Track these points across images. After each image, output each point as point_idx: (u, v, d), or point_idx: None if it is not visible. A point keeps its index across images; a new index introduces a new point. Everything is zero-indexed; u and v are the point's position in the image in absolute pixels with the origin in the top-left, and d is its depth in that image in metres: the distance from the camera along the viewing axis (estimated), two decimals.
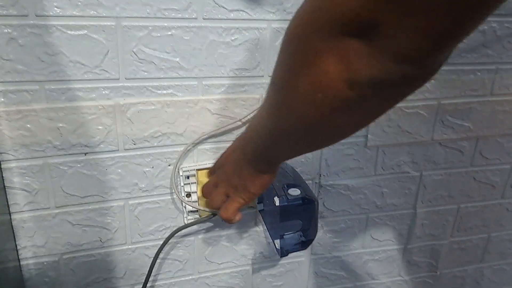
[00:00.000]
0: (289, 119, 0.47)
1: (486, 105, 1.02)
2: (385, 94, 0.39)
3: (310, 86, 0.39)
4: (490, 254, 1.24)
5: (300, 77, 0.40)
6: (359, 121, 0.44)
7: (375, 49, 0.34)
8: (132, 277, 0.93)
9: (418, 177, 1.05)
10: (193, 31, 0.76)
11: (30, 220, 0.81)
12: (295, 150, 0.57)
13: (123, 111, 0.78)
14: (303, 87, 0.40)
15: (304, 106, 0.42)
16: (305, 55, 0.39)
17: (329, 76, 0.37)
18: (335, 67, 0.36)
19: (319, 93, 0.39)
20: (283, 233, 0.83)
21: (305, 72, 0.39)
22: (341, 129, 0.45)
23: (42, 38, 0.70)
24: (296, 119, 0.45)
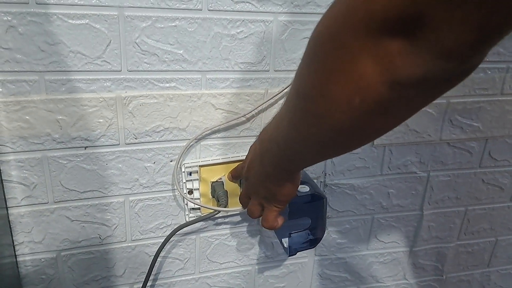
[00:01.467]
0: (318, 127, 0.44)
1: (496, 105, 0.99)
2: (427, 92, 0.37)
3: (345, 92, 0.37)
4: (497, 258, 1.22)
5: (333, 83, 0.38)
6: (395, 122, 0.42)
7: (419, 46, 0.32)
8: (131, 276, 0.91)
9: (426, 178, 1.03)
10: (198, 22, 0.75)
11: (28, 215, 0.79)
12: (319, 157, 0.55)
13: (125, 104, 0.76)
14: (337, 93, 0.38)
15: (337, 113, 0.39)
16: (339, 58, 0.36)
17: (368, 79, 0.35)
18: (374, 69, 0.34)
19: (356, 97, 0.37)
20: (291, 231, 0.81)
21: (339, 77, 0.37)
22: (375, 132, 0.43)
23: (42, 27, 0.68)
24: (327, 126, 0.42)
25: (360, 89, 0.36)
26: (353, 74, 0.36)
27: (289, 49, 0.81)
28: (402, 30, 0.32)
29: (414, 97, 0.37)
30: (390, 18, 0.32)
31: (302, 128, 0.47)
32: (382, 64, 0.34)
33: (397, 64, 0.33)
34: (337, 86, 0.37)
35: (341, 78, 0.37)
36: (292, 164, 0.57)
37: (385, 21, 0.32)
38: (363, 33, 0.33)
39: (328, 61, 0.37)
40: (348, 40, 0.35)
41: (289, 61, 0.82)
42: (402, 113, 0.40)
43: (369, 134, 0.44)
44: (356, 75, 0.35)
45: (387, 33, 0.32)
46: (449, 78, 0.35)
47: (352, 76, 0.36)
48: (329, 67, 0.37)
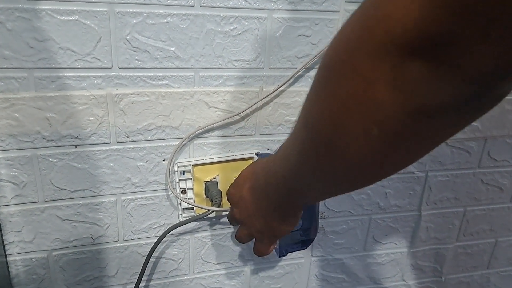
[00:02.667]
0: (329, 161, 0.39)
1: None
2: (454, 121, 0.33)
3: (361, 123, 0.33)
4: (497, 259, 1.20)
5: (347, 113, 0.34)
6: (416, 155, 0.38)
7: (446, 71, 0.28)
8: (124, 276, 0.90)
9: (424, 178, 1.01)
10: (190, 19, 0.73)
11: (18, 214, 0.78)
12: (330, 193, 0.50)
13: (116, 101, 0.75)
14: (351, 124, 0.34)
15: (351, 145, 0.35)
16: (353, 86, 0.32)
17: (387, 109, 0.31)
18: (393, 98, 0.30)
19: (374, 129, 0.33)
20: None
21: (353, 106, 0.33)
22: (393, 166, 0.39)
23: (31, 23, 0.67)
24: (340, 159, 0.38)
25: (377, 120, 0.32)
26: (369, 103, 0.32)
27: (284, 47, 0.80)
28: (425, 53, 0.28)
29: (439, 126, 0.33)
30: (412, 40, 0.28)
31: (311, 162, 0.42)
32: (403, 92, 0.30)
33: (419, 91, 0.29)
34: (352, 117, 0.34)
35: (356, 108, 0.33)
36: (301, 199, 0.53)
37: (405, 43, 0.28)
38: (380, 57, 0.30)
39: (340, 89, 0.34)
40: (362, 66, 0.31)
41: (284, 59, 0.81)
42: (425, 145, 0.36)
43: (387, 168, 0.39)
44: (373, 105, 0.32)
45: (407, 57, 0.28)
46: (479, 105, 0.32)
47: (368, 106, 0.32)
48: (342, 96, 0.34)
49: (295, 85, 0.83)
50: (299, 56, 0.81)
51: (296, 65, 0.81)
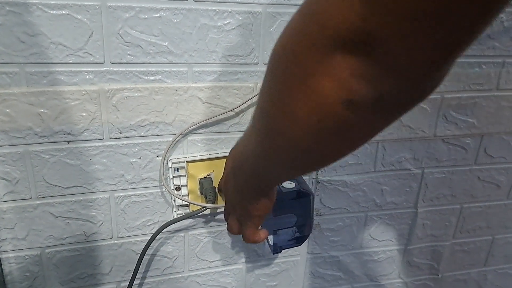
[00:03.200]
0: (280, 145, 0.42)
1: (491, 100, 0.97)
2: (385, 113, 0.35)
3: (303, 110, 0.35)
4: (494, 257, 1.20)
5: (292, 101, 0.36)
6: (354, 143, 0.40)
7: (377, 66, 0.30)
8: (118, 274, 0.89)
9: (420, 175, 1.01)
10: (183, 13, 0.73)
11: (10, 211, 0.77)
12: (287, 175, 0.53)
13: (108, 97, 0.74)
14: (295, 111, 0.36)
15: (297, 132, 0.38)
16: (296, 76, 0.34)
17: (325, 99, 0.33)
18: (331, 88, 0.32)
19: (314, 116, 0.35)
20: (277, 228, 0.79)
21: (297, 95, 0.35)
22: (338, 151, 0.41)
23: (21, 17, 0.66)
24: (289, 145, 0.40)
25: (317, 107, 0.34)
26: (311, 92, 0.34)
27: None
28: (357, 48, 0.30)
29: (374, 116, 0.35)
30: (342, 35, 0.30)
31: (266, 145, 0.45)
32: (340, 83, 0.32)
33: (351, 84, 0.32)
34: (296, 104, 0.36)
35: (299, 96, 0.35)
36: (263, 181, 0.54)
37: (337, 38, 0.30)
38: (319, 50, 0.32)
39: (286, 78, 0.36)
40: (305, 57, 0.33)
41: None
42: (361, 135, 0.39)
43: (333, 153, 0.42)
44: (315, 94, 0.34)
45: (343, 51, 0.31)
46: (408, 98, 0.34)
47: (310, 95, 0.34)
48: (288, 85, 0.36)
49: None
50: None
51: None
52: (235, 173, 0.58)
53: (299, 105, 0.35)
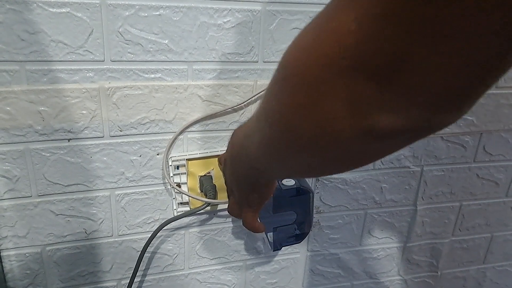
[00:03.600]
0: (285, 155, 0.40)
1: (490, 98, 0.98)
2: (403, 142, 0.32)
3: (313, 130, 0.32)
4: (493, 254, 1.20)
5: (300, 120, 0.33)
6: (366, 162, 0.38)
7: (399, 95, 0.27)
8: (119, 271, 0.89)
9: (419, 173, 1.01)
10: (183, 11, 0.73)
11: (11, 209, 0.78)
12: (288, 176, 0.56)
13: (109, 95, 0.74)
14: (302, 131, 0.33)
15: (301, 150, 0.36)
16: (307, 95, 0.31)
17: (336, 125, 0.30)
18: (344, 114, 0.29)
19: (322, 141, 0.32)
20: (277, 225, 0.80)
21: (307, 114, 0.32)
22: (342, 169, 0.40)
23: (22, 15, 0.66)
24: (292, 157, 0.39)
25: (326, 133, 0.31)
26: (320, 115, 0.31)
27: (278, 40, 0.79)
28: (377, 73, 0.26)
29: (387, 146, 0.33)
30: (363, 59, 0.26)
31: (269, 151, 0.43)
32: (354, 109, 0.29)
33: (372, 112, 0.28)
34: (306, 122, 0.33)
35: (310, 115, 0.32)
36: (262, 177, 0.54)
37: (358, 60, 0.27)
38: (333, 71, 0.28)
39: (296, 97, 0.33)
40: (317, 77, 0.30)
41: (278, 52, 0.80)
42: (369, 159, 0.37)
43: (337, 170, 0.41)
44: (324, 118, 0.31)
45: (360, 74, 0.27)
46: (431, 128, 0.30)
47: (319, 117, 0.31)
48: (297, 103, 0.33)
49: None
50: None
51: None
52: (233, 162, 0.57)
53: (308, 124, 0.33)
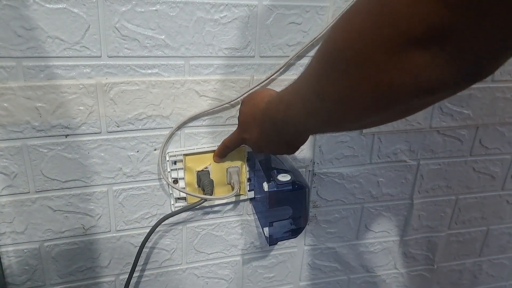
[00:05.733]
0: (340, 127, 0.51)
1: (486, 92, 0.98)
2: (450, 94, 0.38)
3: (371, 99, 0.39)
4: (489, 247, 1.21)
5: (360, 92, 0.39)
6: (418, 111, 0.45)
7: (447, 58, 0.33)
8: (117, 267, 0.89)
9: (415, 166, 1.02)
10: (180, 7, 0.73)
11: (9, 205, 0.78)
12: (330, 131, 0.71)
13: (106, 91, 0.74)
14: (362, 99, 0.40)
15: (361, 112, 0.42)
16: (367, 71, 0.37)
17: (396, 90, 0.36)
18: (402, 81, 0.35)
19: (382, 103, 0.39)
20: (273, 220, 0.80)
21: (366, 87, 0.38)
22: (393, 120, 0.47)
23: (18, 11, 0.66)
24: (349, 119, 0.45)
25: (386, 98, 0.38)
26: (380, 85, 0.37)
27: (274, 35, 0.79)
28: (428, 43, 0.32)
29: (436, 100, 0.40)
30: (416, 33, 0.32)
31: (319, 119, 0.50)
32: (410, 76, 0.35)
33: (425, 76, 0.34)
34: (363, 95, 0.39)
35: (368, 88, 0.38)
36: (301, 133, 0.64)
37: (411, 36, 0.32)
38: (390, 48, 0.34)
39: (354, 74, 0.38)
40: (375, 55, 0.35)
41: (275, 47, 0.80)
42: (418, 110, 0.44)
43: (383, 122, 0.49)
44: (384, 87, 0.36)
45: (414, 47, 0.33)
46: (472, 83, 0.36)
47: (380, 88, 0.37)
48: (355, 79, 0.38)
49: (286, 73, 0.83)
50: (290, 44, 0.81)
51: (287, 53, 0.81)
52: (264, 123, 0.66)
53: (368, 95, 0.39)
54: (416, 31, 0.32)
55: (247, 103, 0.74)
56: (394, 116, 0.44)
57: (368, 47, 0.35)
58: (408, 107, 0.41)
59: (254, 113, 0.69)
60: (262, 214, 0.87)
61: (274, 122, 0.62)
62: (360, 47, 0.36)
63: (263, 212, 0.86)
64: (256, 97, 0.71)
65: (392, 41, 0.33)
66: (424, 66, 0.33)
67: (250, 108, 0.71)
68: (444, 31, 0.31)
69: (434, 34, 0.31)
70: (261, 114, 0.67)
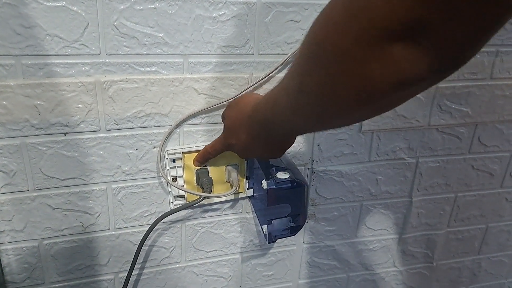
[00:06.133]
0: (322, 120, 0.49)
1: (485, 89, 0.98)
2: (425, 86, 0.39)
3: (352, 92, 0.39)
4: (488, 245, 1.21)
5: (340, 85, 0.40)
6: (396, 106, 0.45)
7: (422, 50, 0.34)
8: (116, 265, 0.90)
9: (414, 164, 1.02)
10: (178, 4, 0.73)
11: (8, 203, 0.78)
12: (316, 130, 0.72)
13: (104, 88, 0.74)
14: (343, 93, 0.40)
15: (342, 107, 0.42)
16: (344, 64, 0.38)
17: (374, 82, 0.37)
18: (381, 73, 0.36)
19: (362, 96, 0.39)
20: (271, 218, 0.80)
21: (345, 80, 0.39)
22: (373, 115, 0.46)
23: (17, 9, 0.66)
24: (330, 114, 0.46)
25: (366, 90, 0.38)
26: (360, 78, 0.37)
27: (273, 32, 0.79)
28: (404, 36, 0.33)
29: (414, 91, 0.40)
30: (392, 26, 0.33)
31: (303, 115, 0.50)
32: (388, 68, 0.35)
33: (402, 68, 0.35)
34: (345, 88, 0.39)
35: (347, 81, 0.38)
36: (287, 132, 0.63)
37: (387, 29, 0.33)
38: (366, 41, 0.35)
39: (333, 67, 0.39)
40: (352, 48, 0.36)
41: (273, 45, 0.80)
42: (400, 102, 0.43)
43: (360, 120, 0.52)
44: (362, 79, 0.37)
45: (390, 40, 0.34)
46: (446, 74, 0.37)
47: (359, 80, 0.38)
48: (335, 72, 0.39)
49: (285, 71, 0.83)
50: (288, 41, 0.81)
51: (286, 51, 0.81)
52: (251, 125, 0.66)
53: (348, 88, 0.39)
54: (392, 24, 0.33)
55: (233, 108, 0.74)
56: (376, 110, 0.44)
57: (346, 39, 0.36)
58: (390, 100, 0.41)
59: (241, 118, 0.69)
60: (261, 212, 0.88)
61: (262, 124, 0.63)
62: (338, 40, 0.37)
63: (262, 210, 0.87)
64: (242, 101, 0.72)
65: (368, 34, 0.34)
66: (403, 58, 0.34)
67: (236, 113, 0.71)
68: (418, 25, 0.32)
69: (410, 27, 0.32)
70: (248, 117, 0.67)
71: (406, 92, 0.39)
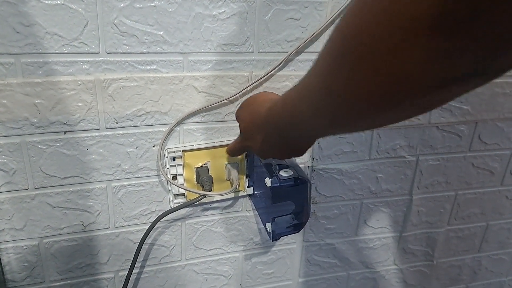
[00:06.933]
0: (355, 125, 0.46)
1: (485, 87, 0.98)
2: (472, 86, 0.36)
3: (387, 89, 0.36)
4: (488, 243, 1.21)
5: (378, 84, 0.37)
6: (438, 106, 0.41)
7: (467, 44, 0.30)
8: (116, 263, 0.90)
9: (415, 162, 1.02)
10: (178, 2, 0.73)
11: (8, 202, 0.78)
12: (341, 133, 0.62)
13: (104, 87, 0.74)
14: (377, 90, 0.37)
15: (372, 108, 0.40)
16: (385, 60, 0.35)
17: (417, 79, 0.34)
18: (425, 70, 0.33)
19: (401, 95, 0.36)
20: (275, 216, 0.80)
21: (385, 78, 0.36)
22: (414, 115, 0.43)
23: (16, 8, 0.66)
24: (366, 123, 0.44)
25: (408, 89, 0.35)
26: (400, 75, 0.35)
27: (273, 30, 0.79)
28: (452, 28, 0.30)
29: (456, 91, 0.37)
30: (439, 18, 0.30)
31: (327, 119, 0.47)
32: (429, 63, 0.32)
33: (444, 63, 0.32)
34: (383, 87, 0.37)
35: (387, 80, 0.36)
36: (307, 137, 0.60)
37: (433, 22, 0.30)
38: (409, 34, 0.32)
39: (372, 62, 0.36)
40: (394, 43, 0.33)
41: (273, 43, 0.80)
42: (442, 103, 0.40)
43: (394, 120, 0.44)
44: (404, 77, 0.35)
45: (437, 33, 0.31)
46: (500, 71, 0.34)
47: (399, 78, 0.35)
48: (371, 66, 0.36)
49: (285, 69, 0.83)
50: (288, 39, 0.81)
51: (286, 49, 0.81)
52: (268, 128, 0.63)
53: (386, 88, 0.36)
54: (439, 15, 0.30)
55: (246, 109, 0.72)
56: (407, 112, 0.41)
57: (386, 34, 0.34)
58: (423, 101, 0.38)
59: (255, 121, 0.68)
60: (264, 210, 0.88)
61: (278, 127, 0.61)
62: (376, 31, 0.35)
63: (265, 208, 0.86)
64: (255, 102, 0.70)
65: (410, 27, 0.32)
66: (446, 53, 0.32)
67: (250, 114, 0.70)
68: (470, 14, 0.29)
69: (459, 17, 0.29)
70: (263, 120, 0.65)
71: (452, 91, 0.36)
